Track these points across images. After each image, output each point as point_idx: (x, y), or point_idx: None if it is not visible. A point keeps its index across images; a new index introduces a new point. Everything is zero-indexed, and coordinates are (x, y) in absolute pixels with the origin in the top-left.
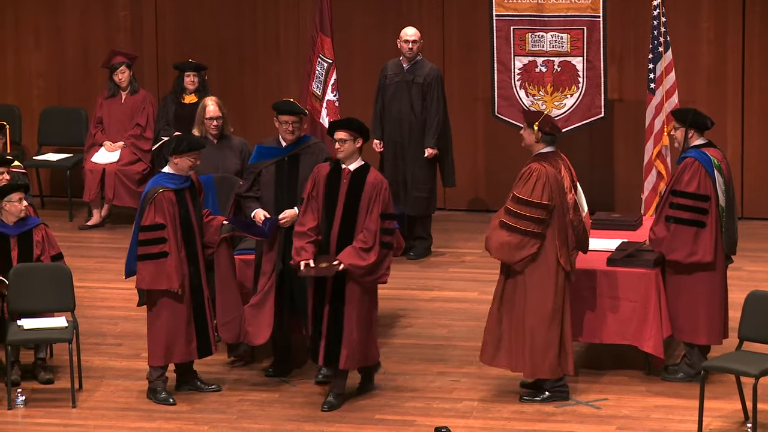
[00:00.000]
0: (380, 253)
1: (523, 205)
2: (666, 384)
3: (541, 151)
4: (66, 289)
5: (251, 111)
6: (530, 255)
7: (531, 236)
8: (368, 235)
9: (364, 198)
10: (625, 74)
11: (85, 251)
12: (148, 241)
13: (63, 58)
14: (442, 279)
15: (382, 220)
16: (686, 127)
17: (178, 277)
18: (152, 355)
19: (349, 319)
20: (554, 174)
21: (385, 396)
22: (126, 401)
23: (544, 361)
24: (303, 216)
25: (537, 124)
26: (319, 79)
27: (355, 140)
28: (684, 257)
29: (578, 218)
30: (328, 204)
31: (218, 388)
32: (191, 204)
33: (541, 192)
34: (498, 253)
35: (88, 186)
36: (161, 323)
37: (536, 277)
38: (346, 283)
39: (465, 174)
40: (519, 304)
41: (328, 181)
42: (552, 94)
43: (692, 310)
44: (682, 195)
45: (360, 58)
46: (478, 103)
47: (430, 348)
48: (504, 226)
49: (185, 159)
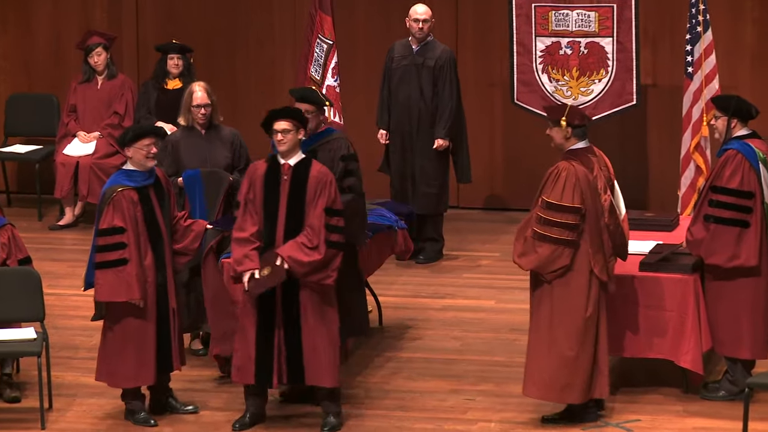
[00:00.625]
0: (327, 253)
1: (554, 211)
2: (705, 403)
3: (572, 148)
4: (34, 297)
5: (242, 98)
6: (565, 266)
7: (564, 245)
8: (312, 233)
9: (309, 194)
10: (660, 57)
11: (56, 254)
12: (106, 246)
13: (31, 38)
14: (455, 285)
15: (328, 216)
16: (728, 115)
17: (139, 287)
18: (120, 377)
19: (308, 331)
20: (585, 173)
21: (391, 417)
22: (100, 422)
23: (572, 383)
24: (242, 221)
25: (564, 119)
26: (318, 62)
27: (297, 130)
28: (725, 261)
29: (615, 222)
30: (269, 206)
31: (195, 409)
32: (157, 204)
33: (571, 194)
34: (528, 266)
35: (59, 181)
36: (126, 341)
37: (566, 288)
38: (300, 289)
39: (480, 168)
40: (544, 318)
41: (266, 180)
42: (578, 79)
43: (734, 321)
44: (723, 192)
45: (364, 38)
46: (495, 89)
47: (442, 363)
48: (535, 235)
49: (136, 150)
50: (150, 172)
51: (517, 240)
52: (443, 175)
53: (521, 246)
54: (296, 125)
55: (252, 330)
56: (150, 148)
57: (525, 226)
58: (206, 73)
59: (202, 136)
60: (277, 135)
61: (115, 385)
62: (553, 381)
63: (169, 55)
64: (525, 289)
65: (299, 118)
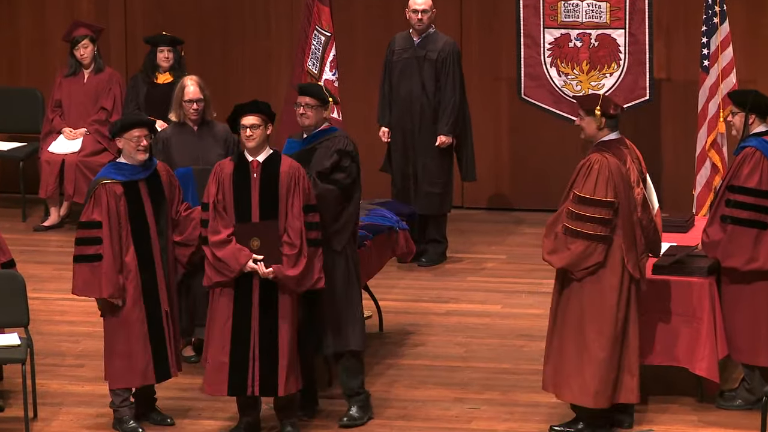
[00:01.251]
0: (309, 253)
1: (587, 205)
2: (722, 413)
3: (604, 139)
4: (18, 301)
5: (236, 93)
6: (598, 263)
7: (598, 241)
8: (293, 234)
9: (282, 191)
10: (674, 50)
11: (41, 256)
12: (83, 240)
13: (15, 29)
14: (459, 289)
15: (305, 214)
16: (746, 111)
17: (110, 286)
18: (109, 375)
19: (283, 338)
20: (617, 166)
21: (392, 427)
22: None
23: (604, 386)
24: (214, 224)
25: (599, 109)
26: (316, 55)
27: (266, 125)
28: (743, 264)
29: (648, 216)
30: (240, 206)
31: (172, 422)
32: (148, 199)
33: (605, 188)
34: (560, 263)
35: (44, 180)
36: (115, 338)
37: (597, 286)
38: (279, 295)
39: (486, 166)
40: (573, 318)
41: (235, 180)
42: (588, 73)
43: (752, 326)
44: (740, 191)
45: (363, 30)
46: (502, 83)
47: (446, 370)
48: (567, 231)
49: (126, 141)
50: (145, 166)
51: (547, 237)
52: (447, 174)
53: (551, 243)
54: (264, 120)
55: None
56: (140, 140)
57: (555, 222)
58: (198, 67)
59: (194, 133)
60: (246, 131)
61: (132, 385)
62: (587, 384)
63: (159, 48)
64: (532, 293)
65: (267, 112)
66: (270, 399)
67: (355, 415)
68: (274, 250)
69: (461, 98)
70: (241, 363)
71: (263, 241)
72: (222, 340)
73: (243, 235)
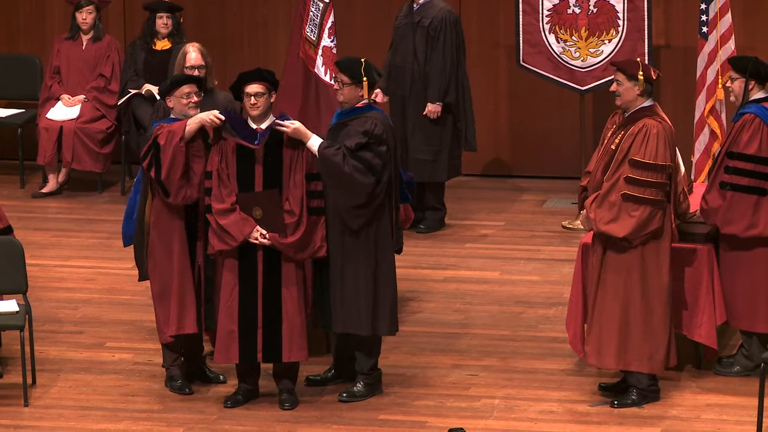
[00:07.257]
0: (309, 222)
1: (648, 170)
2: (720, 379)
3: (642, 106)
4: (17, 268)
5: (234, 60)
6: (657, 228)
7: (658, 206)
8: (294, 202)
9: (285, 159)
10: (673, 16)
11: (40, 223)
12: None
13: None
14: (458, 256)
15: (307, 182)
16: (745, 77)
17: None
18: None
19: (287, 305)
20: (671, 131)
21: (391, 393)
22: (87, 399)
23: (659, 351)
24: (218, 192)
25: (641, 73)
26: (314, 22)
27: (270, 94)
28: (742, 230)
29: (682, 181)
30: (244, 176)
31: (224, 379)
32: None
33: (664, 152)
34: (623, 232)
35: (42, 147)
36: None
37: (656, 252)
38: (282, 262)
39: (484, 133)
40: (634, 284)
41: (239, 149)
42: (587, 40)
43: (751, 293)
44: (739, 157)
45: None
46: (500, 50)
47: (444, 337)
48: (629, 198)
49: (177, 100)
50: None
51: (600, 207)
52: (439, 142)
53: (608, 212)
54: (269, 88)
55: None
56: (191, 97)
57: (606, 192)
58: (196, 34)
59: None
60: (250, 99)
61: (162, 339)
62: (642, 350)
63: (158, 14)
64: (530, 260)
65: (271, 80)
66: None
67: (357, 392)
68: (277, 219)
69: (452, 67)
70: (249, 330)
71: (265, 210)
72: (230, 308)
73: (245, 204)
